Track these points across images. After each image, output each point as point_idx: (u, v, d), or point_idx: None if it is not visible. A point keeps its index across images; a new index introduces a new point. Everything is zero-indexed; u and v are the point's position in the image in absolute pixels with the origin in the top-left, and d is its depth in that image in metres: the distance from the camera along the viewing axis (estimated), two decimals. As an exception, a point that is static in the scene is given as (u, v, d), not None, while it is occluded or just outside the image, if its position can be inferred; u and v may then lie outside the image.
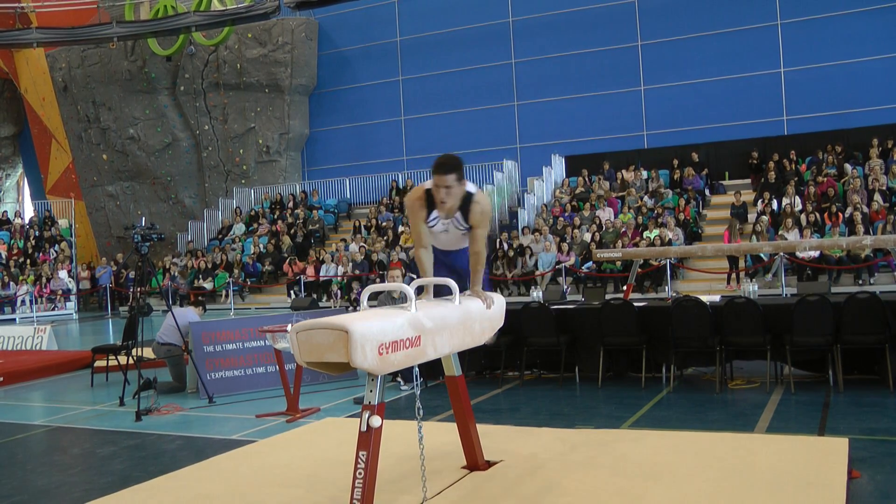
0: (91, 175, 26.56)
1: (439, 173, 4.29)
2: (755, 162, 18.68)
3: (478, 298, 4.43)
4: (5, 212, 26.38)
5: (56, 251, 23.55)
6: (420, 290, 4.34)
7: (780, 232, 15.65)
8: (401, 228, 20.11)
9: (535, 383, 8.11)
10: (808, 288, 8.41)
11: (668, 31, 20.54)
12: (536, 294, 9.22)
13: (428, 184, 4.42)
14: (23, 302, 21.51)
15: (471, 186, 4.46)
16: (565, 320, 8.01)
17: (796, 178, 17.53)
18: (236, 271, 20.64)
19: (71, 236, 25.05)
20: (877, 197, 16.03)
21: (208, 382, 8.16)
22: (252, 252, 21.37)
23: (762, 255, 15.18)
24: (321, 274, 19.34)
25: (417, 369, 4.10)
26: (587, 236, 17.53)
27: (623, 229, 17.14)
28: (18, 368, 10.24)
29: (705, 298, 7.77)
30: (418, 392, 4.12)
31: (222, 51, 24.41)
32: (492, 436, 5.17)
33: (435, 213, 4.46)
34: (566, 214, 18.90)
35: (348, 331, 3.34)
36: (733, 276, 15.44)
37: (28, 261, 23.03)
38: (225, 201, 24.56)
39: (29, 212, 27.89)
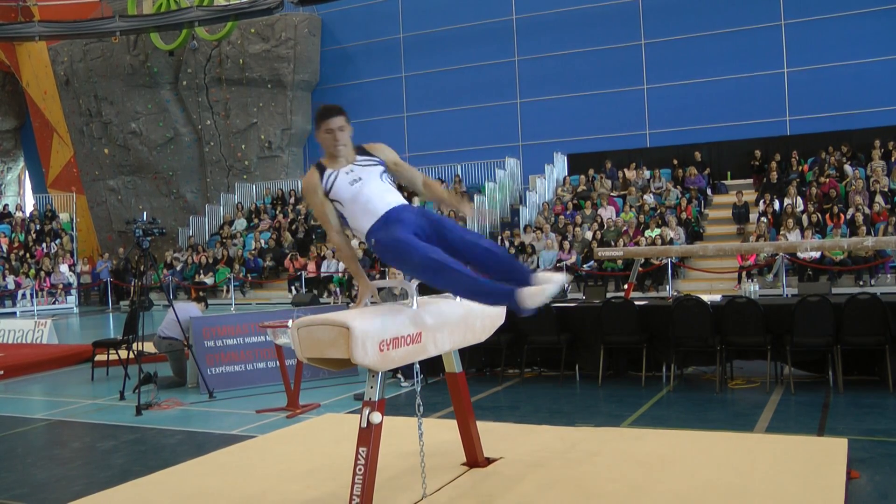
0: (92, 169, 26.56)
1: (327, 117, 3.72)
2: (757, 162, 18.67)
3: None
4: (6, 205, 26.37)
5: (56, 245, 23.56)
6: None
7: (781, 232, 15.64)
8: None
9: (536, 381, 8.11)
10: (809, 288, 8.42)
11: (671, 31, 20.52)
12: (537, 292, 9.19)
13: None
14: (23, 296, 21.53)
15: None
16: (566, 318, 8.01)
17: (798, 179, 17.52)
18: (237, 266, 20.66)
19: (72, 230, 25.05)
20: (878, 198, 16.02)
21: (209, 377, 8.17)
22: (253, 247, 21.38)
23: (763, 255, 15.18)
24: (322, 270, 19.35)
25: (418, 366, 4.10)
26: (588, 234, 17.53)
27: (624, 228, 17.14)
28: (19, 362, 10.26)
29: (706, 298, 7.78)
30: (418, 389, 4.13)
31: (225, 46, 24.39)
32: (492, 433, 5.17)
33: (330, 171, 3.76)
34: (568, 212, 18.90)
35: (349, 327, 3.34)
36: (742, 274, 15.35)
37: (28, 254, 23.06)
38: (226, 196, 24.56)
39: (30, 205, 27.88)
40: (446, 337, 4.00)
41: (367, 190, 3.70)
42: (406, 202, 3.74)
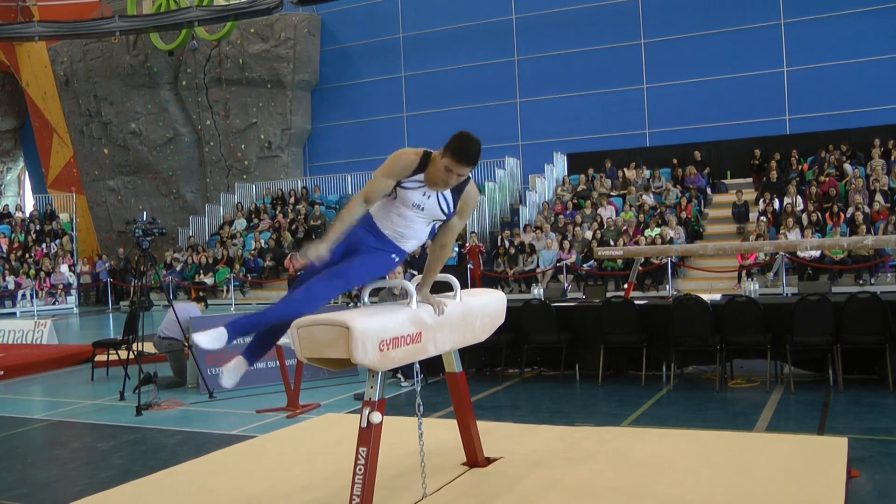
0: (92, 169, 26.56)
1: (466, 164, 3.62)
2: (757, 161, 18.67)
3: (428, 305, 3.87)
4: (6, 205, 26.37)
5: (56, 246, 23.56)
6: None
7: (781, 231, 15.64)
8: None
9: (536, 381, 8.11)
10: (809, 287, 8.41)
11: (671, 30, 20.51)
12: (537, 291, 9.21)
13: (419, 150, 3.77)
14: (23, 296, 21.53)
15: None
16: (566, 318, 8.01)
17: (798, 178, 17.52)
18: (237, 266, 20.65)
19: (72, 230, 25.05)
20: (878, 197, 16.02)
21: (209, 377, 8.16)
22: (253, 247, 21.39)
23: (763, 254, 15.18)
24: (322, 270, 19.31)
25: (418, 366, 4.10)
26: (588, 234, 17.53)
27: (624, 227, 17.14)
28: (19, 362, 10.26)
29: (706, 297, 7.78)
30: (418, 388, 4.13)
31: (224, 46, 24.38)
32: (492, 433, 5.17)
33: (420, 180, 3.71)
34: (567, 212, 18.90)
35: (349, 327, 3.34)
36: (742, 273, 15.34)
37: (28, 255, 23.06)
38: (226, 196, 24.56)
39: (30, 206, 27.87)
40: (446, 337, 4.00)
41: (413, 219, 3.75)
42: (401, 252, 3.79)
